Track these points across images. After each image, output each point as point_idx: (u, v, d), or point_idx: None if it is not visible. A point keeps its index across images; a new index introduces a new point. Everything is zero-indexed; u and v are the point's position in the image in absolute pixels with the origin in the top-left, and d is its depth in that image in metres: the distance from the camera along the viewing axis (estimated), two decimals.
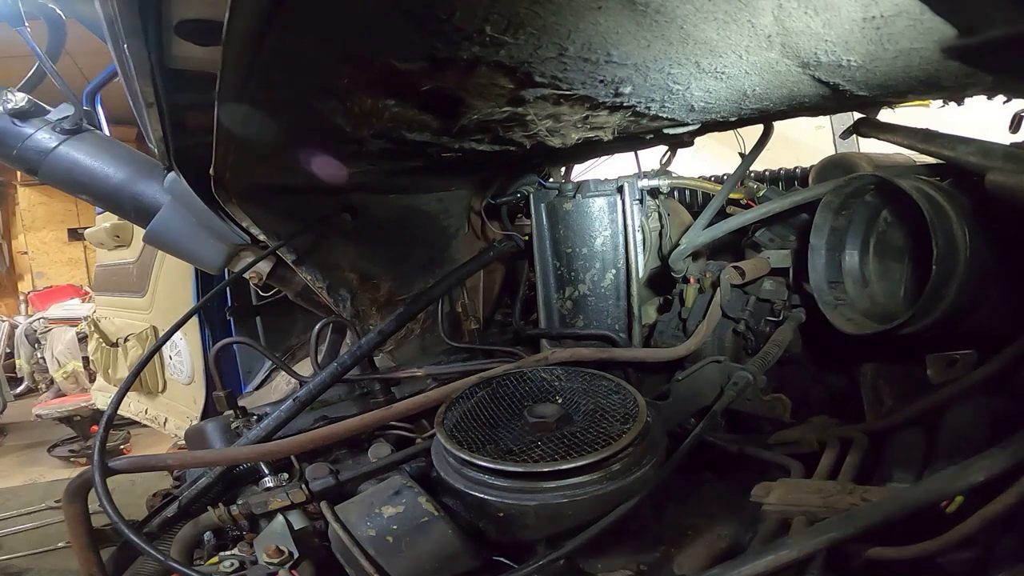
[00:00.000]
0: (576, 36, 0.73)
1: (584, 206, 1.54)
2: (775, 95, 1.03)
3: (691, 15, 0.70)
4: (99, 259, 3.09)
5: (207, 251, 1.55)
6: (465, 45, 0.72)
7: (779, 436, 1.05)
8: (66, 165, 1.56)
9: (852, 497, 0.73)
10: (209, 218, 1.48)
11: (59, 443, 4.28)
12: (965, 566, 0.68)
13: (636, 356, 1.38)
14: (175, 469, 1.14)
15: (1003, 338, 0.92)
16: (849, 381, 1.30)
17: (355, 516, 0.84)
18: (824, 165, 1.54)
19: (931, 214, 1.01)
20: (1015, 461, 0.59)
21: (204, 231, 1.52)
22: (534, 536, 0.81)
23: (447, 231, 1.82)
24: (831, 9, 0.69)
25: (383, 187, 1.63)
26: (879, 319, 1.17)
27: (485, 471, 0.83)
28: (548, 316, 1.64)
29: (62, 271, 7.84)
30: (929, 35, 0.74)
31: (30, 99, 1.54)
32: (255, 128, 0.99)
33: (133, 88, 1.11)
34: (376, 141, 1.07)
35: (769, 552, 0.65)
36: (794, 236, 1.41)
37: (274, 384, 2.14)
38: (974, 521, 0.61)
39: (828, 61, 0.84)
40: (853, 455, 0.90)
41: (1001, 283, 1.07)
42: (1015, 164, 0.94)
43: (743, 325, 1.42)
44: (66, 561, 2.33)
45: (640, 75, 0.89)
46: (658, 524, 0.87)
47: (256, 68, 0.73)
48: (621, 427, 0.87)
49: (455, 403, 1.00)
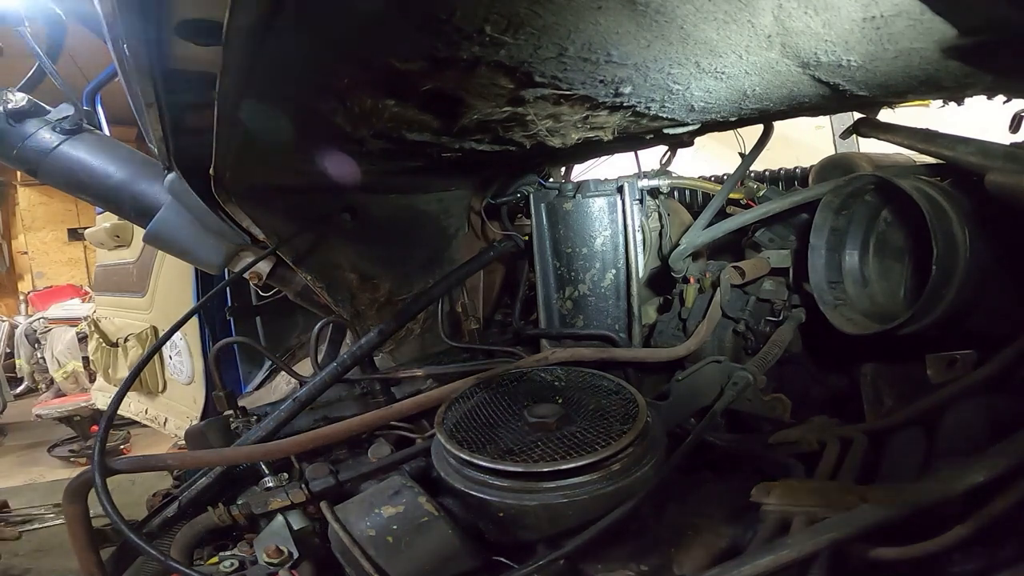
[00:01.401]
0: (576, 36, 0.73)
1: (584, 206, 1.54)
2: (775, 95, 1.03)
3: (691, 15, 0.70)
4: (99, 259, 3.09)
5: (207, 251, 1.55)
6: (465, 45, 0.72)
7: (779, 436, 1.05)
8: (66, 165, 1.56)
9: (852, 497, 0.73)
10: (209, 218, 1.48)
11: (59, 443, 4.29)
12: (965, 566, 0.68)
13: (636, 356, 1.38)
14: (175, 469, 1.14)
15: (1003, 338, 0.92)
16: (849, 381, 1.30)
17: (355, 516, 0.84)
18: (824, 165, 1.54)
19: (931, 214, 1.01)
20: (1015, 461, 0.59)
21: (204, 231, 1.52)
22: (534, 536, 0.81)
23: (447, 231, 1.82)
24: (831, 9, 0.69)
25: (383, 187, 1.63)
26: (879, 319, 1.17)
27: (485, 471, 0.83)
28: (548, 316, 1.64)
29: (62, 271, 7.85)
30: (929, 35, 0.74)
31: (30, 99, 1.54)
32: (255, 128, 0.99)
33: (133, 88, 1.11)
34: (376, 141, 1.07)
35: (769, 552, 0.65)
36: (794, 236, 1.41)
37: (274, 384, 2.14)
38: (974, 521, 0.61)
39: (828, 61, 0.84)
40: (853, 455, 0.90)
41: (1001, 283, 1.07)
42: (1015, 164, 0.94)
43: (743, 325, 1.42)
44: (66, 561, 2.33)
45: (640, 75, 0.89)
46: (658, 524, 0.87)
47: (256, 68, 0.73)
48: (621, 427, 0.87)
49: (455, 403, 1.00)
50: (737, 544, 0.83)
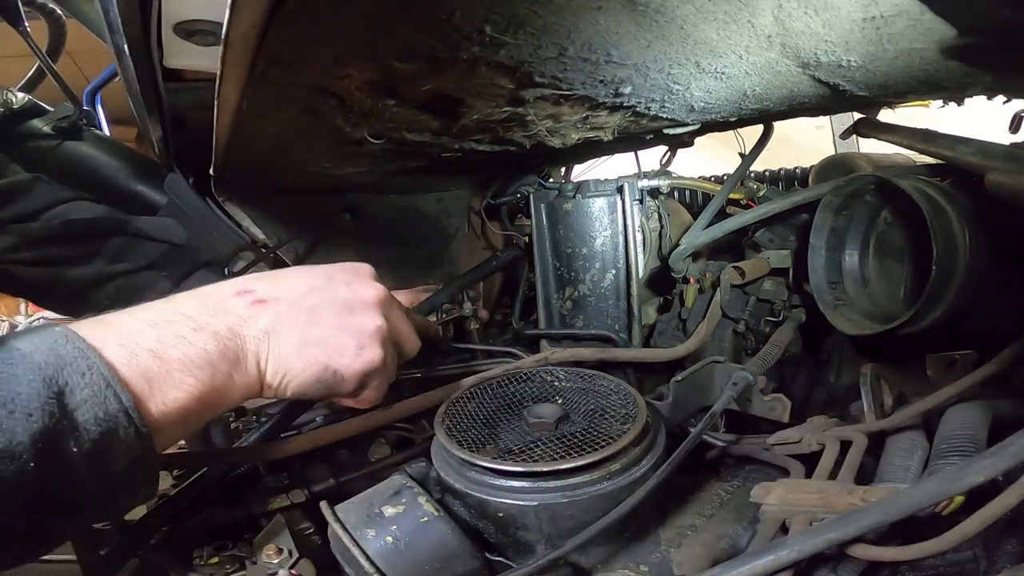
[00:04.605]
0: (576, 36, 0.73)
1: (584, 206, 1.54)
2: (775, 95, 1.03)
3: (691, 15, 0.70)
4: None
5: (207, 251, 1.55)
6: (465, 45, 0.73)
7: (779, 436, 1.05)
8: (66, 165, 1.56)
9: (852, 497, 0.73)
10: (209, 218, 1.48)
11: None
12: (965, 566, 0.68)
13: (636, 356, 1.38)
14: (175, 469, 1.14)
15: (1003, 338, 0.92)
16: (849, 381, 1.30)
17: (355, 516, 0.84)
18: (824, 165, 1.54)
19: (931, 214, 1.01)
20: (1015, 461, 0.59)
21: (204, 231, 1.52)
22: (534, 536, 0.81)
23: (447, 231, 1.82)
24: (831, 9, 0.69)
25: (383, 187, 1.63)
26: (879, 319, 1.17)
27: (485, 471, 0.83)
28: (548, 316, 1.64)
29: None
30: (929, 35, 0.74)
31: (30, 99, 1.54)
32: (255, 128, 1.00)
33: (133, 88, 1.11)
34: (376, 141, 1.07)
35: (769, 552, 0.65)
36: (794, 236, 1.41)
37: None
38: (974, 521, 0.61)
39: (828, 61, 0.84)
40: (853, 455, 0.90)
41: (1001, 283, 1.07)
42: (1015, 164, 0.94)
43: (743, 325, 1.42)
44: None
45: (640, 75, 0.89)
46: (658, 524, 0.87)
47: (256, 68, 0.73)
48: (621, 427, 0.87)
49: (455, 403, 1.00)
50: (737, 544, 0.84)
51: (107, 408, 0.54)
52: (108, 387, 0.54)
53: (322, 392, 0.78)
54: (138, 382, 0.58)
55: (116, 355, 0.58)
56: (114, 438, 0.54)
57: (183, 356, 0.62)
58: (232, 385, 0.68)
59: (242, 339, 0.69)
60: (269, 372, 0.72)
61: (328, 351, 0.75)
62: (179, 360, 0.62)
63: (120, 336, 0.60)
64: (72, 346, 0.54)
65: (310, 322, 0.75)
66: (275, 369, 0.72)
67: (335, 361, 0.76)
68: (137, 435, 0.56)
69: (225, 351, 0.67)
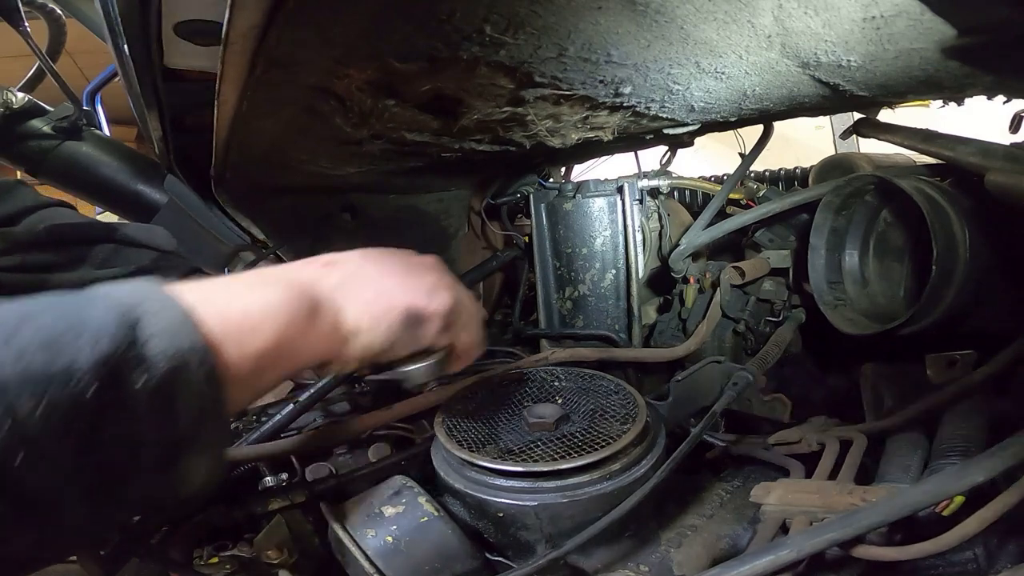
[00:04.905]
0: (576, 36, 0.73)
1: (584, 206, 1.54)
2: (775, 95, 1.03)
3: (691, 15, 0.70)
4: None
5: (207, 251, 1.55)
6: (465, 45, 0.73)
7: (779, 436, 1.05)
8: (66, 165, 1.57)
9: (852, 497, 0.73)
10: (209, 218, 1.49)
11: None
12: (965, 566, 0.68)
13: (636, 356, 1.38)
14: None
15: (1003, 338, 0.92)
16: (849, 381, 1.30)
17: (355, 516, 0.84)
18: (824, 165, 1.53)
19: (931, 214, 1.01)
20: (1015, 461, 0.59)
21: (204, 231, 1.52)
22: (534, 536, 0.81)
23: (447, 231, 1.82)
24: (831, 9, 0.69)
25: (383, 187, 1.63)
26: (879, 319, 1.17)
27: (484, 471, 0.83)
28: (548, 316, 1.64)
29: None
30: (929, 35, 0.74)
31: (30, 99, 1.54)
32: (255, 128, 1.00)
33: (133, 88, 1.11)
34: (376, 141, 1.07)
35: (769, 552, 0.65)
36: (794, 236, 1.41)
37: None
38: (974, 521, 0.61)
39: (828, 61, 0.84)
40: (853, 455, 0.90)
41: (1001, 283, 1.07)
42: (1015, 164, 0.94)
43: (743, 325, 1.42)
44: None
45: (640, 75, 0.89)
46: (658, 524, 0.87)
47: (256, 68, 0.73)
48: (621, 427, 0.87)
49: (455, 403, 1.00)
50: (737, 544, 0.84)
51: (179, 343, 0.50)
52: (183, 323, 0.51)
53: (410, 340, 0.75)
54: (214, 323, 0.54)
55: (193, 298, 0.56)
56: (182, 377, 0.50)
57: (260, 300, 0.60)
58: (310, 336, 0.65)
59: (317, 291, 0.67)
60: (350, 321, 0.69)
61: (406, 293, 0.74)
62: (256, 305, 0.60)
63: (196, 287, 0.58)
64: (151, 287, 0.53)
65: (381, 275, 0.74)
66: (356, 318, 0.69)
67: (415, 301, 0.74)
68: (208, 381, 0.52)
69: (301, 299, 0.64)
